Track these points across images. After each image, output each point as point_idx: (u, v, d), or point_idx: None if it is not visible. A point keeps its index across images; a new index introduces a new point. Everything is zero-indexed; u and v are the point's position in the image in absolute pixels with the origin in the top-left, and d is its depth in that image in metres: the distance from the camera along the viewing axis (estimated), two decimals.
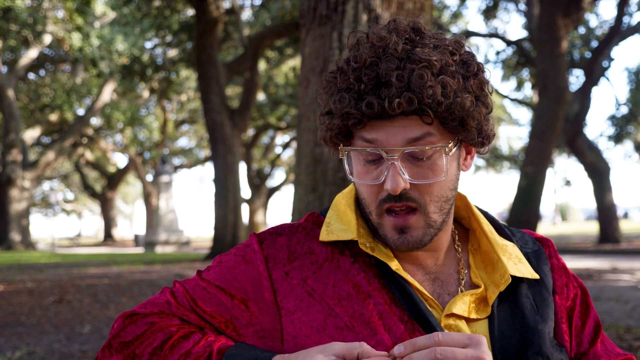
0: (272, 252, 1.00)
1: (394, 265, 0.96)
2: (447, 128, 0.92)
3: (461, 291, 1.00)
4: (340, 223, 1.01)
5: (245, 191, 28.64)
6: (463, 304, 0.96)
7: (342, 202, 1.05)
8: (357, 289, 0.95)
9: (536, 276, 1.01)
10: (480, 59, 0.99)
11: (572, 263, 11.94)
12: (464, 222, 1.10)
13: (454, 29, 21.63)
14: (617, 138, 22.80)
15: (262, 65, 20.27)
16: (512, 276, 0.98)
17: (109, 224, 37.51)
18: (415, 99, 0.87)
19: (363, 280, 0.95)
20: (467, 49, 0.96)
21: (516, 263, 1.00)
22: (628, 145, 25.75)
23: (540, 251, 1.07)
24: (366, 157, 0.94)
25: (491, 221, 1.08)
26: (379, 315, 0.93)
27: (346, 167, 0.99)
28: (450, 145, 0.92)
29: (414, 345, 0.82)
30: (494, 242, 1.02)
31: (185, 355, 0.90)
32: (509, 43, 19.70)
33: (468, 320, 0.97)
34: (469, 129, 0.92)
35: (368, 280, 0.96)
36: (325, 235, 1.00)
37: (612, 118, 22.42)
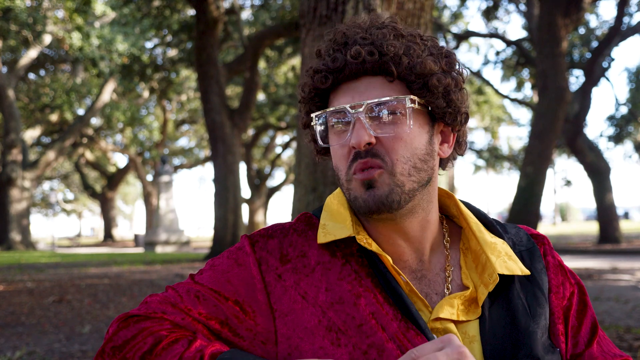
0: (265, 255, 1.00)
1: (389, 260, 0.95)
2: (412, 90, 0.94)
3: (448, 290, 0.99)
4: (335, 222, 1.01)
5: (245, 191, 28.67)
6: (450, 307, 0.96)
7: (334, 202, 1.06)
8: (349, 290, 0.95)
9: (527, 272, 0.99)
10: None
11: (572, 263, 11.95)
12: (457, 220, 1.09)
13: (454, 29, 21.63)
14: (617, 138, 22.78)
15: (262, 65, 20.28)
16: (503, 275, 0.97)
17: (109, 224, 37.53)
18: (376, 51, 0.92)
19: (354, 282, 0.96)
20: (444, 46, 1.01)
21: (505, 261, 0.98)
22: (628, 145, 25.73)
23: (534, 249, 1.05)
24: (337, 119, 0.97)
25: (482, 218, 1.07)
26: (371, 314, 0.93)
27: (317, 135, 1.01)
28: (412, 97, 0.93)
29: None
30: (482, 241, 1.00)
31: (176, 357, 0.89)
32: (509, 43, 19.70)
33: (457, 322, 0.96)
34: (435, 93, 0.94)
35: (359, 281, 0.96)
36: (322, 237, 0.99)
37: (612, 118, 22.42)
